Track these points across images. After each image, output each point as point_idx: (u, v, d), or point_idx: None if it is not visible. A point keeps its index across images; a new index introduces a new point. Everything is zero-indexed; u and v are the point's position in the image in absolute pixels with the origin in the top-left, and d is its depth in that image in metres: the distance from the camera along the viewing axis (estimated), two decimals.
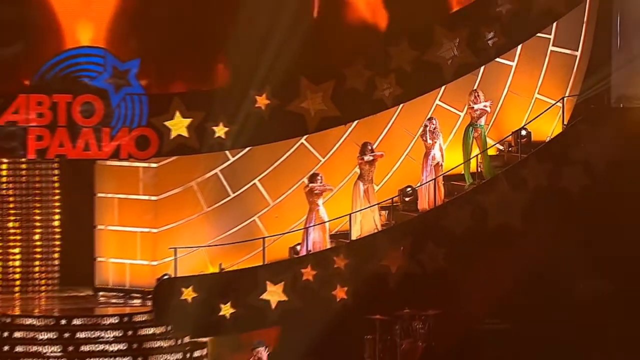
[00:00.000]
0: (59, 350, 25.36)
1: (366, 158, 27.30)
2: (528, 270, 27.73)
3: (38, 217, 28.83)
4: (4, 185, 28.64)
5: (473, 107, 27.64)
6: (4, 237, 29.04)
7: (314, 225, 27.29)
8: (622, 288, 27.74)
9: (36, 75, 26.64)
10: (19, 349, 25.46)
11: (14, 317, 26.87)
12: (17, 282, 28.94)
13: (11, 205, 28.54)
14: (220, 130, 26.63)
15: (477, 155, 28.19)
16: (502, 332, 27.41)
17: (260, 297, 26.51)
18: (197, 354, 26.56)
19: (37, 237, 28.75)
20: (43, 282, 28.91)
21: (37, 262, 28.67)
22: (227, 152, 28.27)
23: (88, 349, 25.52)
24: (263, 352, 23.54)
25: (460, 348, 27.98)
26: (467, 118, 28.35)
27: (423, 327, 27.34)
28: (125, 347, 25.69)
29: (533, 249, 27.49)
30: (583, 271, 27.76)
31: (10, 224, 28.55)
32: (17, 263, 28.58)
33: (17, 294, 29.05)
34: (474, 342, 27.99)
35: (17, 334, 25.72)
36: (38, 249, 28.98)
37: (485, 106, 27.56)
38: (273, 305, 26.43)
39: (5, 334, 26.02)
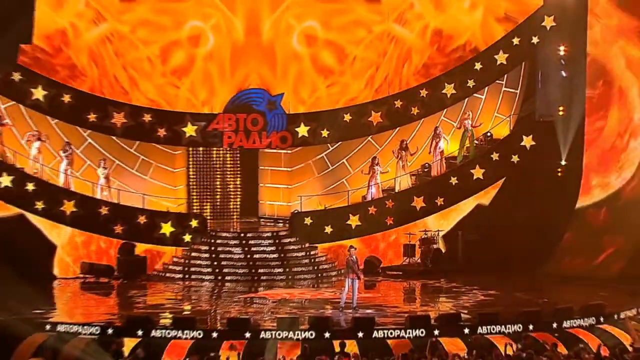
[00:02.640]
0: (240, 250, 32.02)
1: (402, 151, 33.34)
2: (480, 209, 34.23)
3: (237, 179, 34.80)
4: (215, 162, 34.37)
5: (465, 123, 33.66)
6: (213, 190, 34.50)
7: (374, 184, 33.25)
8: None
9: (228, 104, 32.89)
10: (219, 248, 32.12)
11: (217, 232, 32.76)
12: (220, 214, 34.69)
13: (218, 173, 34.44)
14: (325, 132, 32.87)
15: (466, 147, 33.75)
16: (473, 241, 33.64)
17: (346, 222, 32.69)
18: (312, 252, 32.78)
19: (230, 188, 34.67)
20: (233, 214, 34.87)
21: (231, 204, 34.82)
22: (328, 144, 34.30)
23: (254, 249, 32.10)
24: (354, 252, 27.19)
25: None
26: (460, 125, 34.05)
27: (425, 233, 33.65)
28: (275, 249, 32.24)
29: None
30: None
31: (218, 182, 34.44)
32: (218, 204, 34.65)
33: (222, 220, 34.51)
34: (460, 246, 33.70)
35: (219, 241, 32.45)
36: (231, 197, 34.99)
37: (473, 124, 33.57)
38: (353, 227, 32.70)
39: (212, 241, 32.31)
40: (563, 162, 33.37)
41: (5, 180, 31.07)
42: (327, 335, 23.62)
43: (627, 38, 33.24)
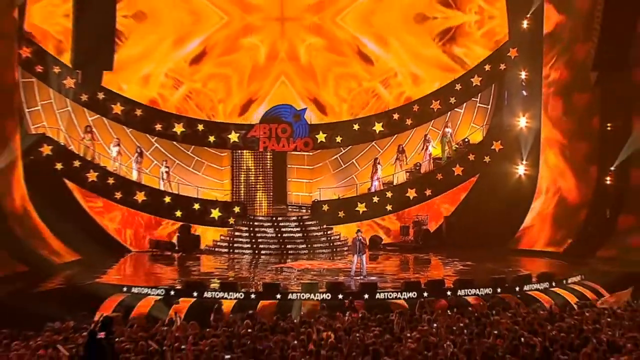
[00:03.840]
0: (272, 230, 31.86)
1: (399, 154, 33.10)
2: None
3: (270, 175, 34.08)
4: (252, 162, 33.72)
5: (448, 131, 33.49)
6: (251, 184, 33.75)
7: (377, 179, 33.09)
8: None
9: (263, 117, 32.79)
10: (256, 229, 31.84)
11: (254, 216, 32.53)
12: (256, 203, 33.82)
13: (255, 170, 33.69)
14: (338, 139, 32.83)
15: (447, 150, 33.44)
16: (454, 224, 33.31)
17: (355, 209, 32.65)
18: (329, 232, 32.13)
19: (264, 182, 33.86)
20: (267, 202, 34.04)
21: (265, 194, 34.12)
22: (341, 148, 33.75)
23: (283, 230, 31.91)
24: (361, 234, 27.14)
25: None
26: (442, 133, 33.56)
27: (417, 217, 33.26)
28: (299, 229, 31.95)
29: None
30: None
31: (255, 178, 33.63)
32: (255, 194, 33.87)
33: (258, 207, 33.81)
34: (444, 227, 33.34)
35: (256, 223, 32.12)
36: (265, 189, 34.18)
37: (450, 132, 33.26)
38: (360, 212, 32.62)
39: (250, 223, 31.97)
40: (524, 162, 33.27)
41: (92, 176, 31.34)
42: (340, 296, 23.65)
43: None
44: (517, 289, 24.97)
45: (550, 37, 32.48)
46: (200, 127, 32.59)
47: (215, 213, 32.10)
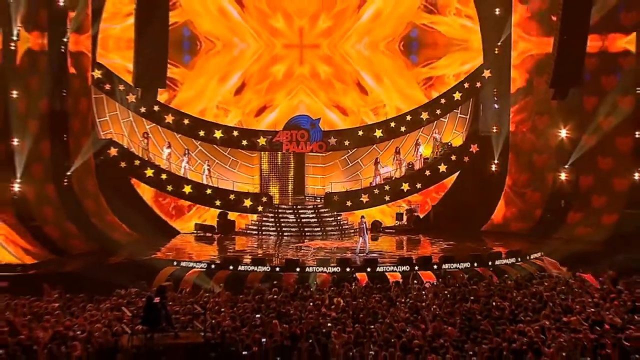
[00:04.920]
0: (293, 216, 31.52)
1: (396, 154, 32.66)
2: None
3: (291, 171, 33.19)
4: (277, 161, 33.04)
5: (435, 136, 33.04)
6: (276, 179, 32.93)
7: (378, 175, 32.85)
8: None
9: (285, 124, 32.28)
10: (280, 215, 31.36)
11: (278, 205, 32.06)
12: (280, 194, 33.06)
13: (279, 168, 33.07)
14: (346, 142, 32.58)
15: (437, 151, 32.89)
16: (440, 211, 32.62)
17: (360, 199, 32.12)
18: (339, 218, 31.65)
19: (287, 177, 33.19)
20: (289, 193, 33.32)
21: (287, 187, 33.10)
22: (348, 150, 33.21)
23: (302, 216, 31.49)
24: (364, 220, 27.03)
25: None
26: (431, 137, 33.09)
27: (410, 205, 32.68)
28: (315, 216, 31.65)
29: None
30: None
31: (279, 174, 33.01)
32: (279, 187, 33.13)
33: (282, 197, 32.98)
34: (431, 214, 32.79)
35: (280, 211, 31.51)
36: (287, 183, 33.25)
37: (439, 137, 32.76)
38: (364, 202, 32.17)
39: (275, 210, 31.28)
40: (495, 161, 32.96)
41: (149, 172, 31.34)
42: (347, 269, 23.67)
43: None
44: (490, 263, 24.88)
45: (519, 66, 32.19)
46: (235, 133, 32.49)
47: (247, 202, 31.91)
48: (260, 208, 32.02)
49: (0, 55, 25.93)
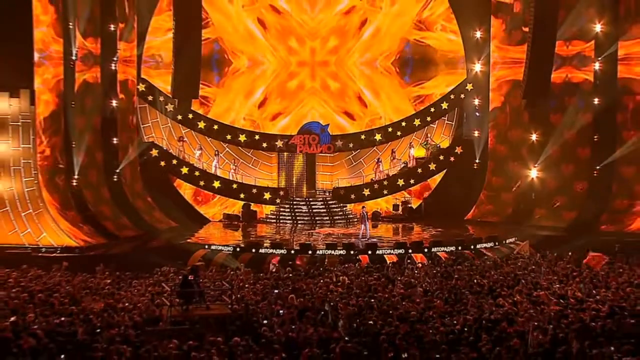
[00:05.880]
0: (305, 207, 31.07)
1: (395, 157, 32.51)
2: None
3: (304, 169, 32.47)
4: (292, 160, 32.15)
5: (427, 140, 32.79)
6: (291, 175, 32.27)
7: (378, 172, 32.58)
8: None
9: (299, 130, 31.89)
10: (295, 206, 30.99)
11: (294, 197, 31.52)
12: (295, 188, 32.12)
13: (294, 166, 32.06)
14: (351, 144, 32.25)
15: (429, 152, 32.56)
16: (430, 202, 32.39)
17: (362, 192, 31.85)
18: (344, 208, 31.16)
19: (300, 174, 32.29)
20: (302, 188, 32.22)
21: (301, 182, 32.40)
22: (352, 151, 32.90)
23: (313, 207, 31.07)
24: (365, 210, 27.36)
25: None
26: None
27: (405, 197, 32.23)
28: (324, 206, 30.93)
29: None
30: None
31: (294, 171, 32.21)
32: (294, 182, 32.10)
33: (296, 191, 32.05)
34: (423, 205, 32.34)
35: (295, 202, 31.15)
36: (301, 179, 32.42)
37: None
38: (365, 195, 31.79)
39: (291, 202, 31.04)
40: (477, 161, 32.64)
41: (184, 170, 31.20)
42: (351, 252, 23.59)
43: None
44: (472, 247, 24.79)
45: (496, 90, 31.89)
46: (257, 136, 32.36)
47: (267, 195, 31.69)
48: (278, 200, 31.74)
49: (62, 83, 25.83)
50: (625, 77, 28.52)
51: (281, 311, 15.38)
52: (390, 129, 33.06)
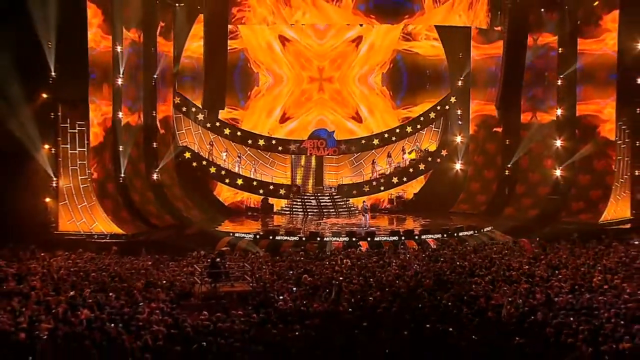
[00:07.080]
0: (314, 201, 30.49)
1: (389, 157, 31.96)
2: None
3: (313, 169, 31.53)
4: (303, 161, 31.47)
5: (417, 144, 32.22)
6: (302, 174, 31.67)
7: (376, 171, 32.10)
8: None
9: (309, 135, 31.37)
10: (306, 200, 30.57)
11: (304, 193, 30.99)
12: (305, 185, 31.55)
13: (304, 166, 31.30)
14: (353, 148, 31.69)
15: (420, 155, 32.13)
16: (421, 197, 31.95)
17: (362, 189, 31.37)
18: (347, 202, 30.79)
19: (310, 173, 31.52)
20: (311, 184, 31.87)
21: (310, 180, 31.60)
22: (354, 153, 32.33)
23: (321, 201, 30.63)
24: (365, 203, 27.23)
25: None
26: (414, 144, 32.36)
27: (399, 193, 31.76)
28: (330, 200, 30.55)
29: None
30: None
31: (304, 170, 31.58)
32: (305, 180, 31.47)
33: (306, 187, 31.74)
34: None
35: (305, 197, 30.86)
36: (310, 176, 31.65)
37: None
38: (366, 191, 31.31)
39: (302, 196, 30.57)
40: (460, 162, 32.23)
41: (213, 170, 30.95)
42: (353, 239, 23.40)
43: None
44: (455, 234, 24.52)
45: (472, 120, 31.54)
46: (274, 141, 31.97)
47: (282, 191, 31.33)
48: (291, 195, 31.42)
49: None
50: None
51: (294, 288, 15.34)
52: (386, 135, 32.67)
